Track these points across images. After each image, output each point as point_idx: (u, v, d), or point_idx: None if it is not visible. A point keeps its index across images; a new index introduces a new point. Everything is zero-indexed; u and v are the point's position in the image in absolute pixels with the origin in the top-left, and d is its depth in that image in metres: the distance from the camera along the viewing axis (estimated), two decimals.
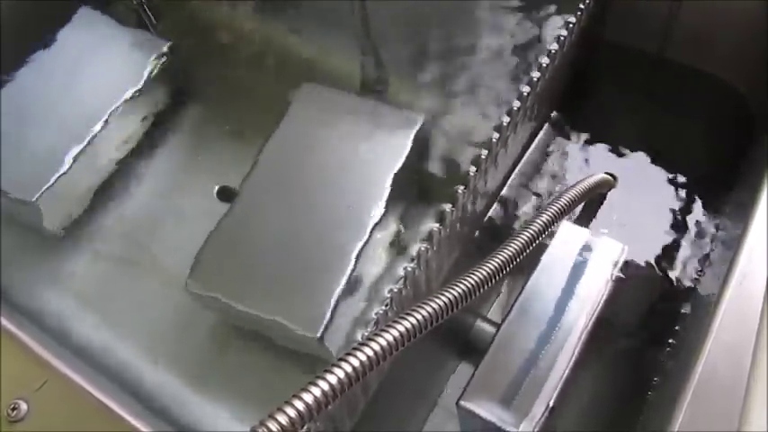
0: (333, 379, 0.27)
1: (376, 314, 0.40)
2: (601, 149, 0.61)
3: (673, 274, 0.54)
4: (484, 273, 0.36)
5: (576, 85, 0.62)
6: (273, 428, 0.26)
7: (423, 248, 0.42)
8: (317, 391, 0.27)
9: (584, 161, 0.61)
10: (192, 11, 0.59)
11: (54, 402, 0.37)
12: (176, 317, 0.45)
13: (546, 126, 0.61)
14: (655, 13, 0.58)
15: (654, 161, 0.60)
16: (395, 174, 0.44)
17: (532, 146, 0.60)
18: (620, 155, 0.61)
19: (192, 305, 0.43)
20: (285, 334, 0.40)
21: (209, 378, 0.43)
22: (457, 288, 0.34)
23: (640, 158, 0.60)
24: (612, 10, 0.60)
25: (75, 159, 0.47)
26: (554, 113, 0.62)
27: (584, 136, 0.62)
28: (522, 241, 0.40)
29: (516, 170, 0.58)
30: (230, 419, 0.42)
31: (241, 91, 0.54)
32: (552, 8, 0.52)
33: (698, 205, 0.57)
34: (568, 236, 0.47)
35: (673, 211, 0.57)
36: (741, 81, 0.59)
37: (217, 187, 0.51)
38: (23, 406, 0.36)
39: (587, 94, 0.65)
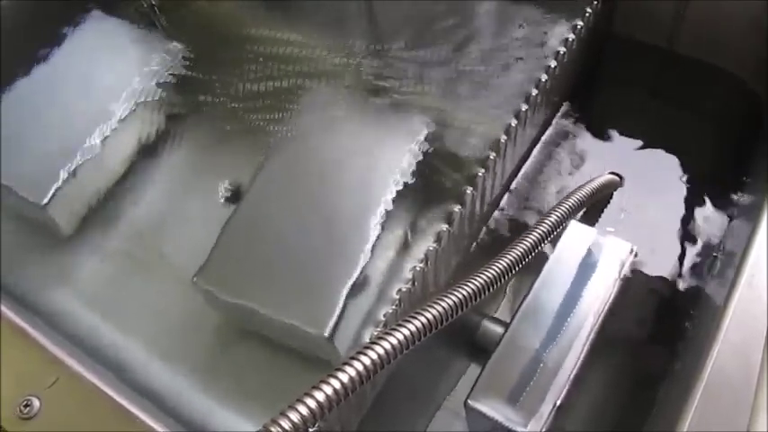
0: (344, 377, 0.28)
1: (385, 314, 0.40)
2: (609, 146, 0.61)
3: (681, 274, 0.54)
4: (492, 272, 0.36)
5: (585, 82, 0.62)
6: (286, 426, 0.26)
7: (431, 248, 0.42)
8: (328, 390, 0.27)
9: (592, 158, 0.61)
10: (202, 12, 0.59)
11: (66, 399, 0.37)
12: (185, 316, 0.45)
13: (554, 123, 0.61)
14: (664, 8, 0.58)
15: (663, 158, 0.60)
16: (402, 174, 0.44)
17: (540, 142, 0.60)
18: (629, 152, 0.61)
19: (201, 305, 0.43)
20: (293, 333, 0.40)
21: (217, 377, 0.43)
22: (466, 288, 0.34)
23: (649, 155, 0.60)
24: (621, 7, 0.60)
25: (84, 160, 0.48)
26: (562, 110, 0.62)
27: (593, 132, 0.62)
28: (531, 241, 0.40)
29: (524, 167, 0.58)
30: (237, 418, 0.42)
31: (250, 92, 0.54)
32: (560, 8, 0.52)
33: (707, 203, 0.57)
34: (576, 235, 0.47)
35: (681, 209, 0.57)
36: (754, 78, 0.59)
37: (225, 188, 0.51)
38: (36, 403, 0.36)
39: (596, 91, 0.65)
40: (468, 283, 0.35)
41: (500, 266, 0.37)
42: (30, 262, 0.49)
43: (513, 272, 0.38)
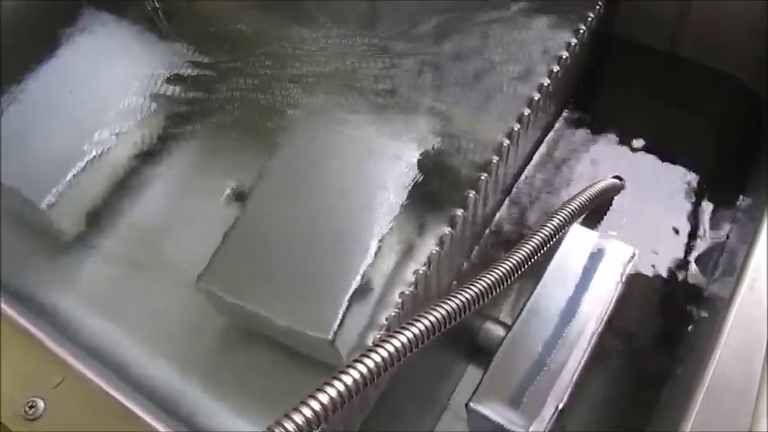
0: (348, 380, 0.28)
1: (387, 318, 0.40)
2: (611, 147, 0.61)
3: (683, 277, 0.54)
4: (495, 276, 0.36)
5: (586, 83, 0.62)
6: (290, 428, 0.26)
7: (434, 251, 0.42)
8: (332, 392, 0.27)
9: (593, 160, 0.61)
10: (206, 15, 0.59)
11: (71, 400, 0.37)
12: (187, 318, 0.46)
13: (557, 125, 0.61)
14: (666, 10, 0.58)
15: (664, 160, 0.60)
16: (405, 177, 0.44)
17: (543, 145, 0.60)
18: (630, 153, 0.61)
19: (204, 306, 0.44)
20: (296, 337, 0.41)
21: (220, 379, 0.43)
22: (469, 291, 0.35)
23: (650, 157, 0.60)
24: (622, 8, 0.60)
25: (87, 161, 0.48)
26: (565, 113, 0.62)
27: (595, 135, 0.62)
28: (534, 245, 0.40)
29: (526, 170, 0.58)
30: (240, 420, 0.42)
31: (253, 94, 0.55)
32: (563, 12, 0.52)
33: (709, 206, 0.57)
34: (578, 239, 0.48)
35: (682, 211, 0.57)
36: (754, 78, 0.59)
37: (228, 190, 0.51)
38: (41, 404, 0.37)
39: (597, 91, 0.65)
40: (471, 287, 0.35)
41: (502, 270, 0.37)
42: (33, 263, 0.49)
43: (516, 275, 0.38)
